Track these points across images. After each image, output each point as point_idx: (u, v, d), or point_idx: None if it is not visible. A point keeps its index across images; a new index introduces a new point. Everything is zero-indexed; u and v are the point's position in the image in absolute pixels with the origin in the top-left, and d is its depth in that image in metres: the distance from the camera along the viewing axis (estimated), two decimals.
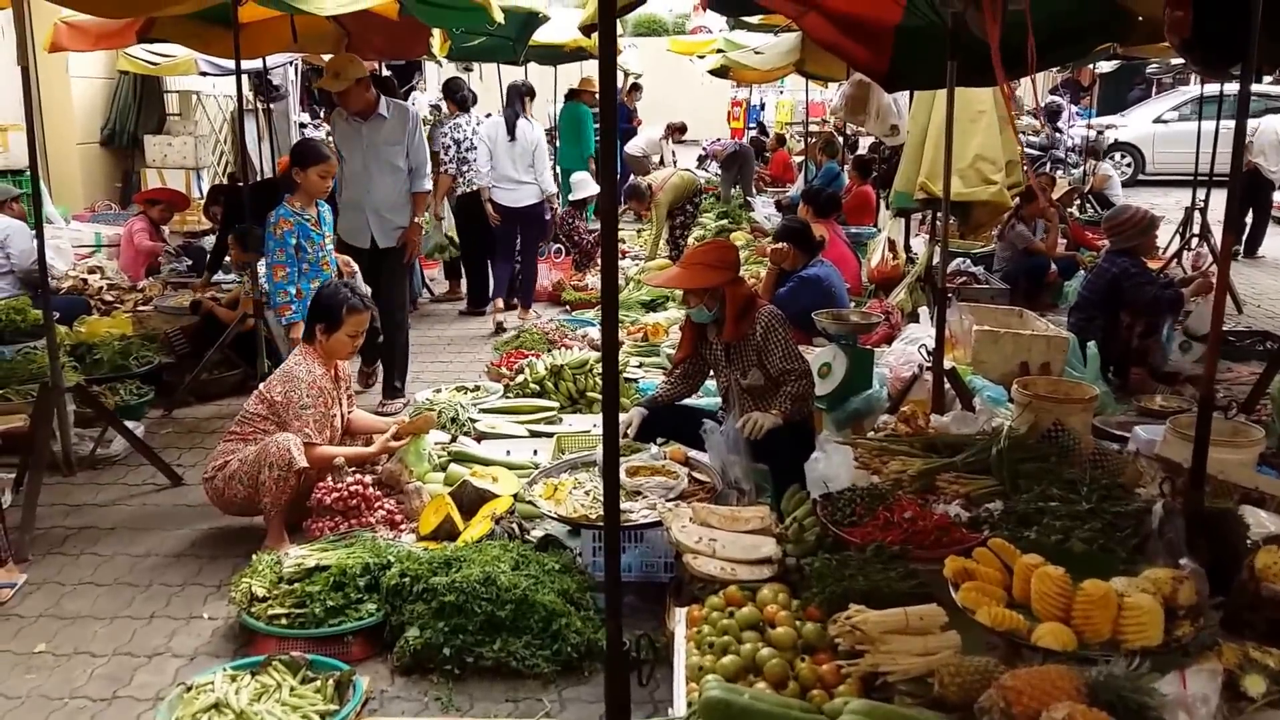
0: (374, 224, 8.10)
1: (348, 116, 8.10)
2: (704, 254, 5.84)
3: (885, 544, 4.26)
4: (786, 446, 5.47)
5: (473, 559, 4.78)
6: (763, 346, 5.60)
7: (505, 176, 10.83)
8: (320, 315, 5.88)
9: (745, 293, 5.75)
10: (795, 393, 5.59)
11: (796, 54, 13.58)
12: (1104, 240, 12.44)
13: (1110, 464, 5.03)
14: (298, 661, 4.29)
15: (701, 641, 4.08)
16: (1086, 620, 3.60)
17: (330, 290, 5.99)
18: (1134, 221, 8.10)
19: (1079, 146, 19.70)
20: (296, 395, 5.68)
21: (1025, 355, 7.23)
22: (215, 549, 5.74)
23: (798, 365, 5.63)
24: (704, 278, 5.68)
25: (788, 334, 5.67)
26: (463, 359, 9.63)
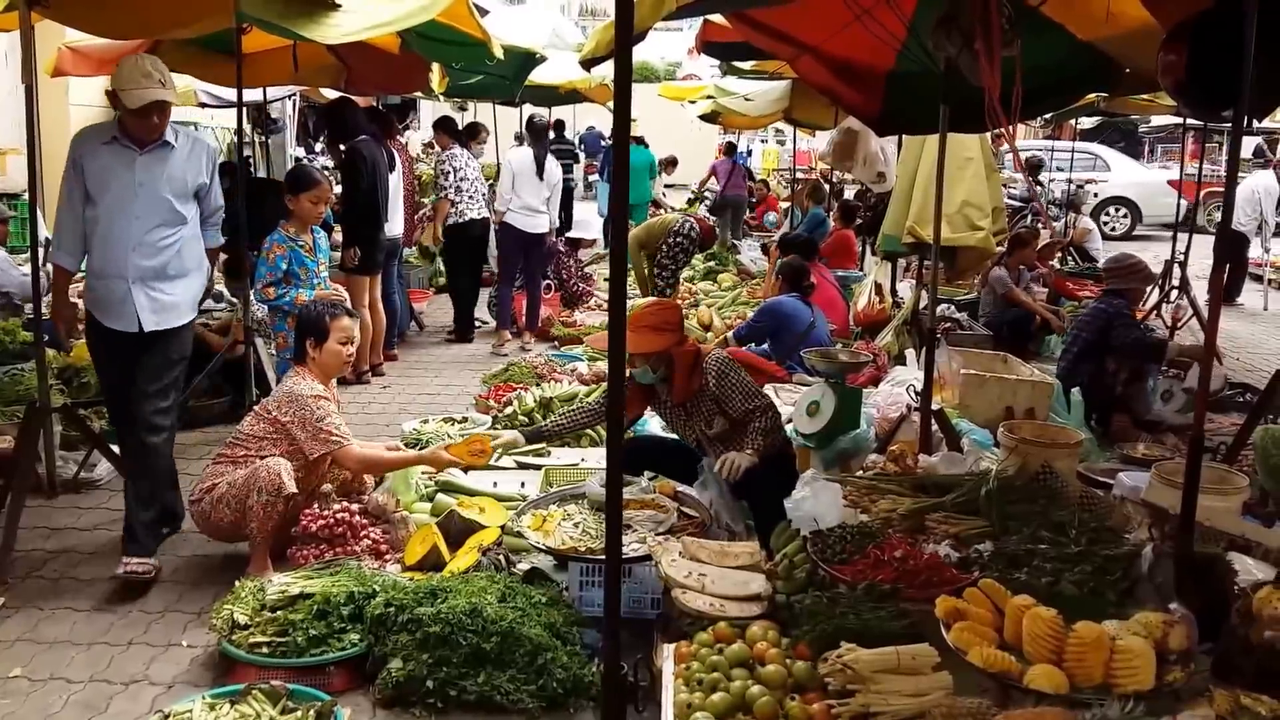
0: (140, 299, 5.61)
1: (113, 138, 5.62)
2: (647, 317, 5.74)
3: (876, 582, 4.25)
4: (764, 481, 5.47)
5: (459, 590, 4.72)
6: (719, 395, 5.62)
7: (527, 206, 11.38)
8: (307, 331, 5.89)
9: (690, 350, 5.77)
10: (763, 427, 5.54)
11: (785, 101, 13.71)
12: (1085, 291, 12.64)
13: (1098, 507, 5.04)
14: (278, 691, 4.23)
15: (690, 678, 4.04)
16: (1079, 663, 3.58)
17: (309, 306, 6.08)
18: (1135, 268, 8.29)
19: (1059, 200, 19.97)
20: (309, 413, 5.64)
21: (1010, 400, 7.25)
22: (197, 575, 5.68)
23: (759, 402, 5.62)
24: (650, 342, 5.65)
25: (740, 374, 5.67)
26: (450, 391, 9.61)
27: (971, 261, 9.39)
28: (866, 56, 6.68)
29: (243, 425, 5.82)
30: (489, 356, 11.14)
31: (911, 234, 8.93)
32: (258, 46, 8.00)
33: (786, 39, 6.77)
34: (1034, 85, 5.26)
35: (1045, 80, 6.19)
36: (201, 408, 8.35)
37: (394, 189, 10.12)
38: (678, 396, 5.75)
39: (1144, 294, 9.30)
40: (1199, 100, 4.83)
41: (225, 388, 8.38)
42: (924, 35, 5.81)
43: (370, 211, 9.48)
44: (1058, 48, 6.02)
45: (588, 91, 14.18)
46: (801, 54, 6.88)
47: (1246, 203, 14.92)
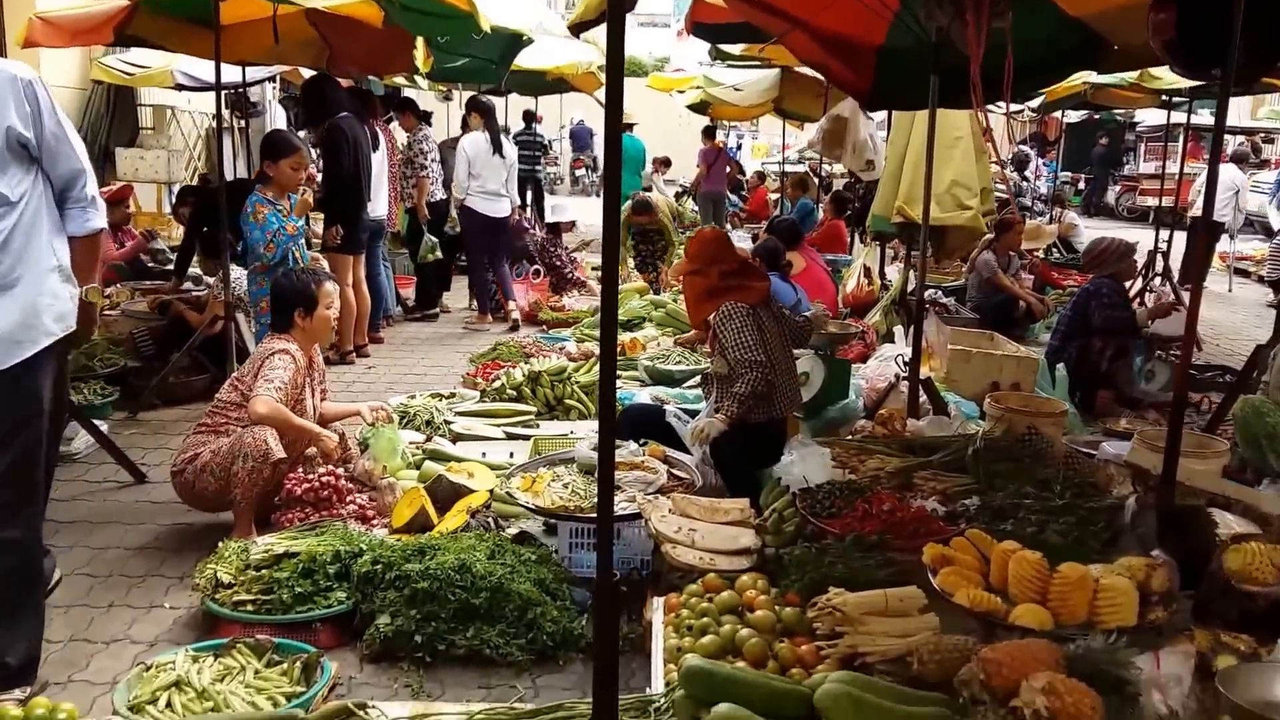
0: None
1: None
2: (690, 244, 6.09)
3: (864, 534, 4.25)
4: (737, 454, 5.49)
5: (447, 548, 4.72)
6: (719, 337, 5.62)
7: (487, 189, 11.31)
8: (295, 299, 5.81)
9: (705, 284, 5.79)
10: (743, 392, 5.46)
11: (775, 91, 13.75)
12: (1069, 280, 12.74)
13: (1082, 466, 5.05)
14: (263, 645, 4.20)
15: (680, 625, 4.06)
16: (1063, 602, 3.61)
17: (291, 275, 5.99)
18: (1111, 250, 8.36)
19: (1045, 196, 20.21)
20: (266, 364, 5.59)
21: (996, 375, 7.27)
22: (179, 544, 5.62)
23: (750, 357, 5.50)
24: (681, 266, 5.92)
25: (744, 327, 5.58)
26: (437, 371, 9.57)
27: (960, 241, 9.41)
28: (858, 30, 6.69)
29: (221, 394, 5.78)
30: (475, 337, 11.15)
31: (900, 214, 8.95)
32: (236, 17, 7.94)
33: (778, 13, 6.77)
34: (1024, 61, 5.28)
35: (1035, 56, 6.21)
36: (181, 385, 8.30)
37: (377, 169, 10.09)
38: (690, 323, 6.05)
39: (1133, 271, 9.30)
40: (1188, 59, 4.85)
41: (206, 364, 8.31)
42: (916, 5, 5.83)
43: (352, 190, 9.42)
44: (1048, 22, 6.03)
45: (575, 79, 14.14)
46: (793, 28, 6.87)
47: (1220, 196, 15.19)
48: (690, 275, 5.83)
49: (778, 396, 5.64)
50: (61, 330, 4.03)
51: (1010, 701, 2.99)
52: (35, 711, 3.42)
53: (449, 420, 7.15)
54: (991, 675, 3.08)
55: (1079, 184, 28.39)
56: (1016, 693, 2.98)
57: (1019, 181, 19.84)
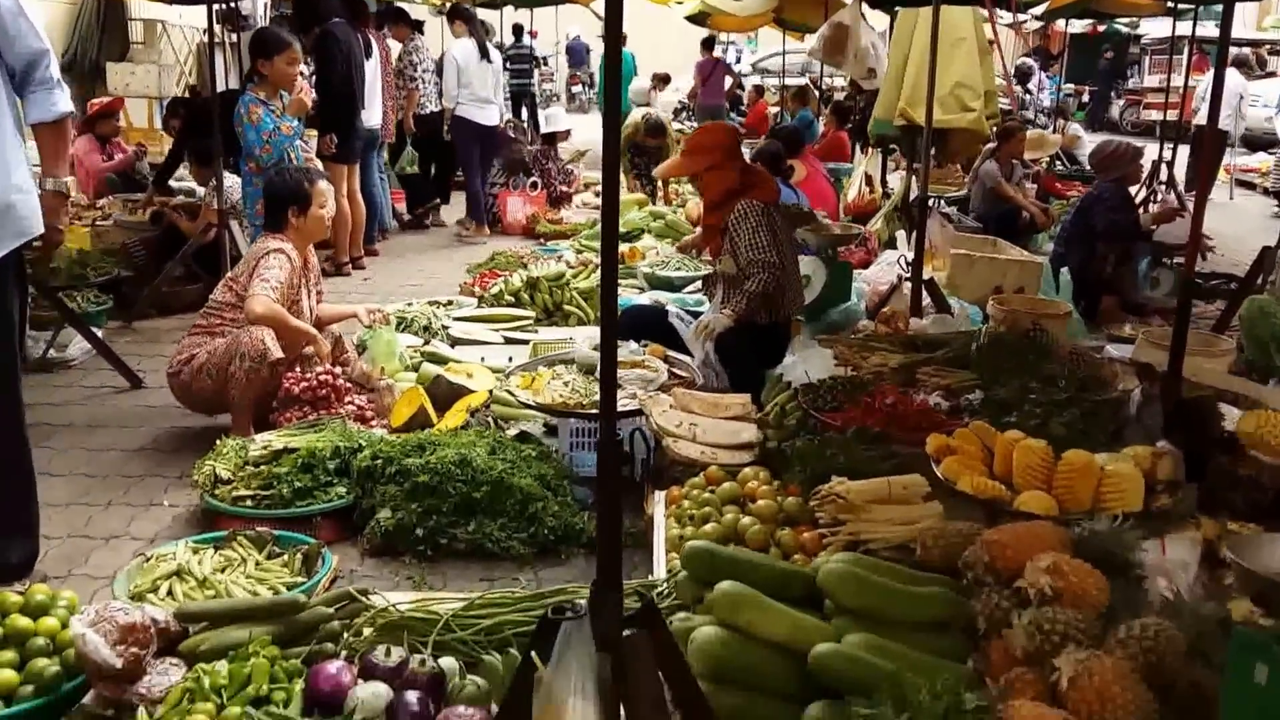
0: None
1: None
2: (694, 139, 5.90)
3: (867, 427, 4.22)
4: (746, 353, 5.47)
5: (447, 443, 4.69)
6: (732, 236, 5.53)
7: (478, 96, 11.25)
8: (288, 198, 5.71)
9: (724, 180, 5.65)
10: (753, 289, 5.42)
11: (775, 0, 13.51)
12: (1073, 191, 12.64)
13: (1087, 362, 5.02)
14: (263, 537, 4.19)
15: (682, 516, 4.05)
16: (1068, 489, 3.59)
17: (284, 173, 5.92)
18: (1119, 153, 8.27)
19: (1048, 109, 20.02)
20: (261, 263, 5.52)
21: (999, 280, 7.22)
22: (177, 445, 5.62)
23: (763, 258, 5.43)
24: (690, 165, 5.75)
25: (759, 227, 5.48)
26: (433, 282, 9.50)
27: (962, 145, 9.33)
28: None
29: (215, 295, 5.71)
30: (472, 248, 11.07)
31: (903, 115, 8.85)
32: None
33: None
34: None
35: None
36: (175, 294, 8.24)
37: (371, 77, 9.94)
38: (705, 219, 5.81)
39: (1139, 175, 9.18)
40: None
41: (199, 273, 8.25)
42: None
43: (346, 97, 9.29)
44: None
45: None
46: None
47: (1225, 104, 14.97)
48: (710, 171, 5.64)
49: (785, 298, 5.61)
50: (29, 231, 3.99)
51: (1015, 583, 2.97)
52: (35, 598, 3.40)
53: (446, 325, 7.12)
54: (996, 557, 3.05)
55: (1083, 97, 28.08)
56: (1021, 574, 2.95)
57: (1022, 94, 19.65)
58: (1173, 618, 2.70)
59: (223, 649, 3.20)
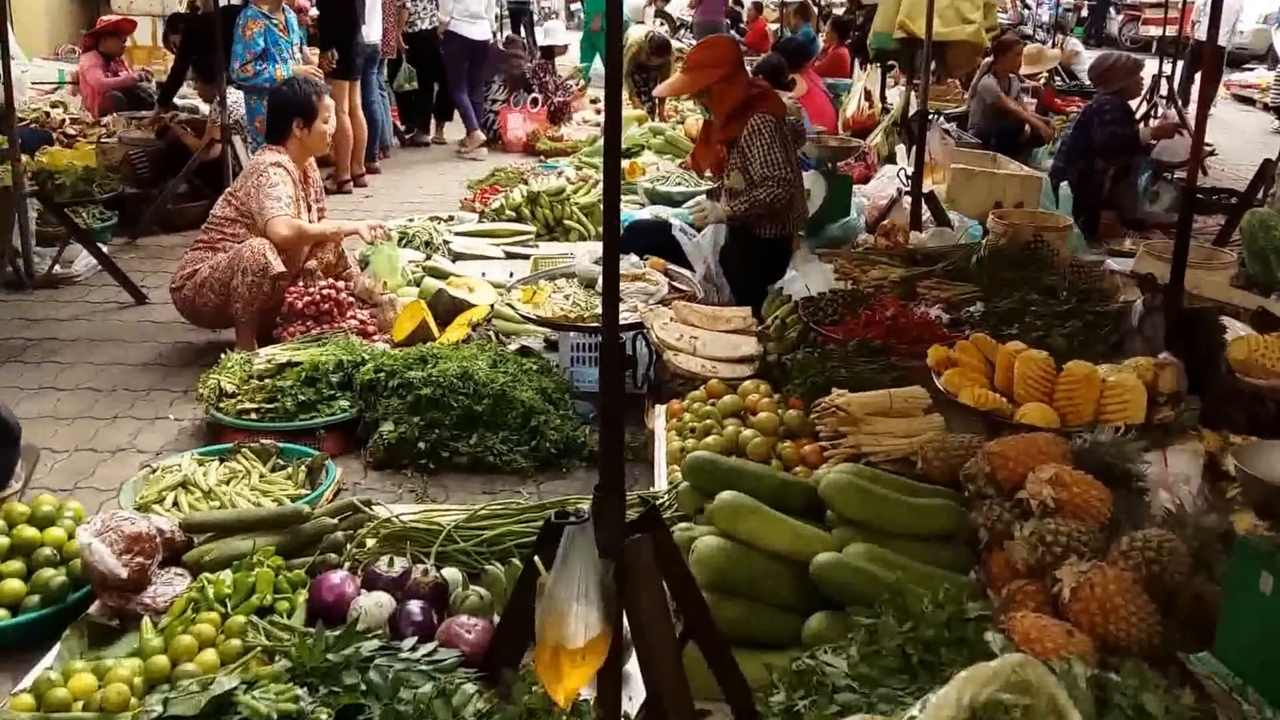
0: None
1: None
2: (697, 54, 5.78)
3: (867, 339, 4.22)
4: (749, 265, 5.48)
5: (449, 356, 4.70)
6: (745, 151, 5.48)
7: (469, 11, 11.18)
8: (295, 109, 5.67)
9: (739, 92, 5.57)
10: (760, 197, 5.39)
11: None
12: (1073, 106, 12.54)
13: (1088, 274, 5.00)
14: (268, 449, 4.24)
15: (683, 429, 4.05)
16: (1069, 400, 3.59)
17: (292, 85, 5.86)
18: (1119, 65, 8.21)
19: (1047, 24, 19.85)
20: (264, 179, 5.49)
21: (999, 195, 7.16)
22: (182, 360, 5.64)
23: (776, 174, 5.38)
24: (696, 80, 5.62)
25: (774, 142, 5.43)
26: (435, 199, 9.45)
27: (962, 59, 9.21)
28: None
29: (215, 210, 5.69)
30: (473, 165, 11.01)
31: (902, 29, 8.72)
32: None
33: None
34: None
35: None
36: (179, 211, 8.21)
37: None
38: (718, 135, 5.69)
39: (1139, 88, 9.07)
40: None
41: (203, 189, 8.21)
42: None
43: (347, 12, 9.18)
44: None
45: None
46: None
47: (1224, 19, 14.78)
48: (719, 85, 5.55)
49: (791, 212, 5.60)
50: None
51: (1016, 494, 2.97)
52: (42, 509, 3.43)
53: (448, 241, 7.09)
54: (997, 469, 3.06)
55: (1081, 12, 27.74)
56: (1022, 486, 2.96)
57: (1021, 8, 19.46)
58: (1175, 530, 2.71)
59: (227, 559, 3.24)
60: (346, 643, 2.62)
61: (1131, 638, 2.43)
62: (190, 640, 2.87)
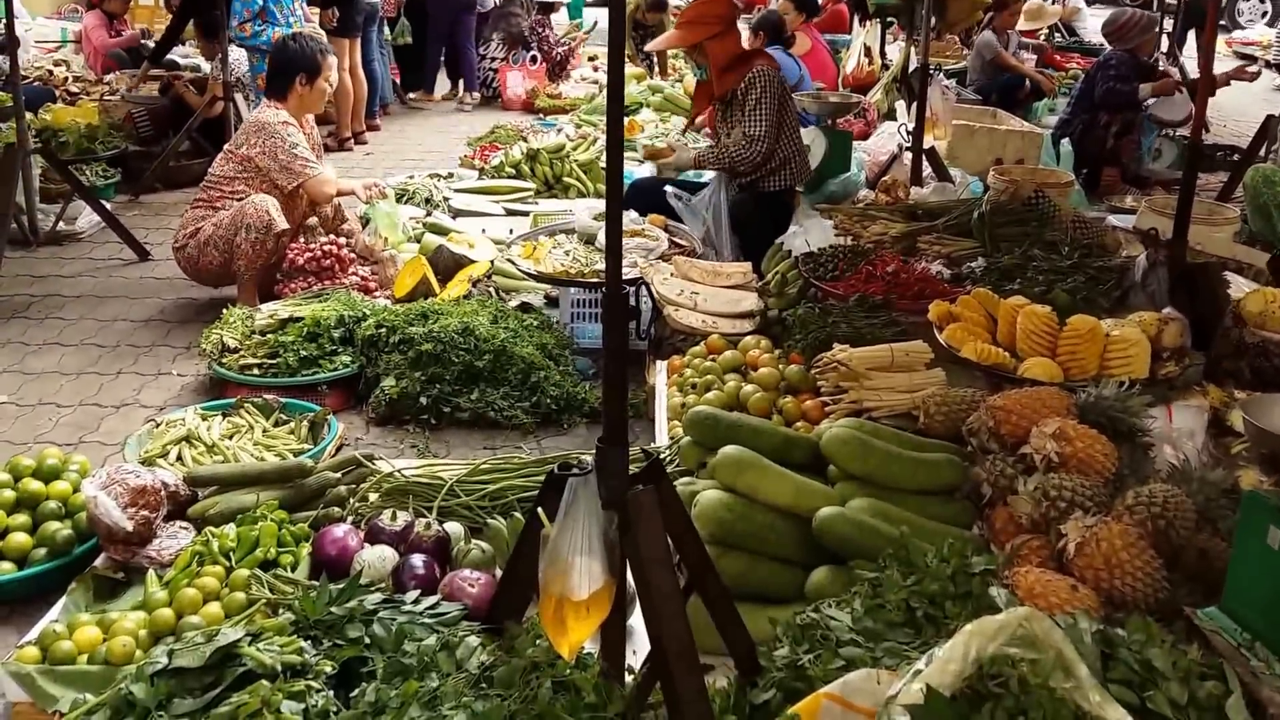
0: None
1: None
2: (690, 10, 5.77)
3: (868, 294, 4.21)
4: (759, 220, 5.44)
5: (450, 312, 4.70)
6: (742, 104, 5.47)
7: None
8: (299, 65, 5.66)
9: (732, 48, 5.59)
10: (743, 155, 5.46)
11: None
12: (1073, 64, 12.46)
13: (1090, 229, 4.99)
14: (270, 405, 4.25)
15: (684, 384, 4.05)
16: (1073, 355, 3.58)
17: (299, 40, 5.83)
18: (1134, 22, 8.12)
19: None
20: (279, 140, 5.49)
21: (1000, 150, 7.16)
22: (185, 316, 5.66)
23: (754, 130, 5.43)
24: (689, 35, 5.61)
25: (766, 96, 5.44)
26: (435, 156, 9.40)
27: (962, 13, 9.16)
28: None
29: (214, 168, 5.66)
30: (473, 121, 10.95)
31: None
32: None
33: None
34: None
35: None
36: (181, 169, 8.18)
37: None
38: (715, 90, 5.69)
39: (1152, 46, 8.91)
40: None
41: (206, 146, 8.19)
42: None
43: None
44: None
45: None
46: None
47: None
48: (712, 41, 5.53)
49: (792, 166, 5.62)
50: None
51: (1020, 449, 2.97)
52: (47, 463, 3.44)
53: (448, 198, 7.07)
54: (1001, 423, 3.05)
55: None
56: (1026, 441, 2.96)
57: None
58: (1180, 485, 2.71)
59: (231, 513, 3.26)
60: (350, 596, 2.63)
61: (1137, 593, 2.44)
62: (195, 593, 2.89)
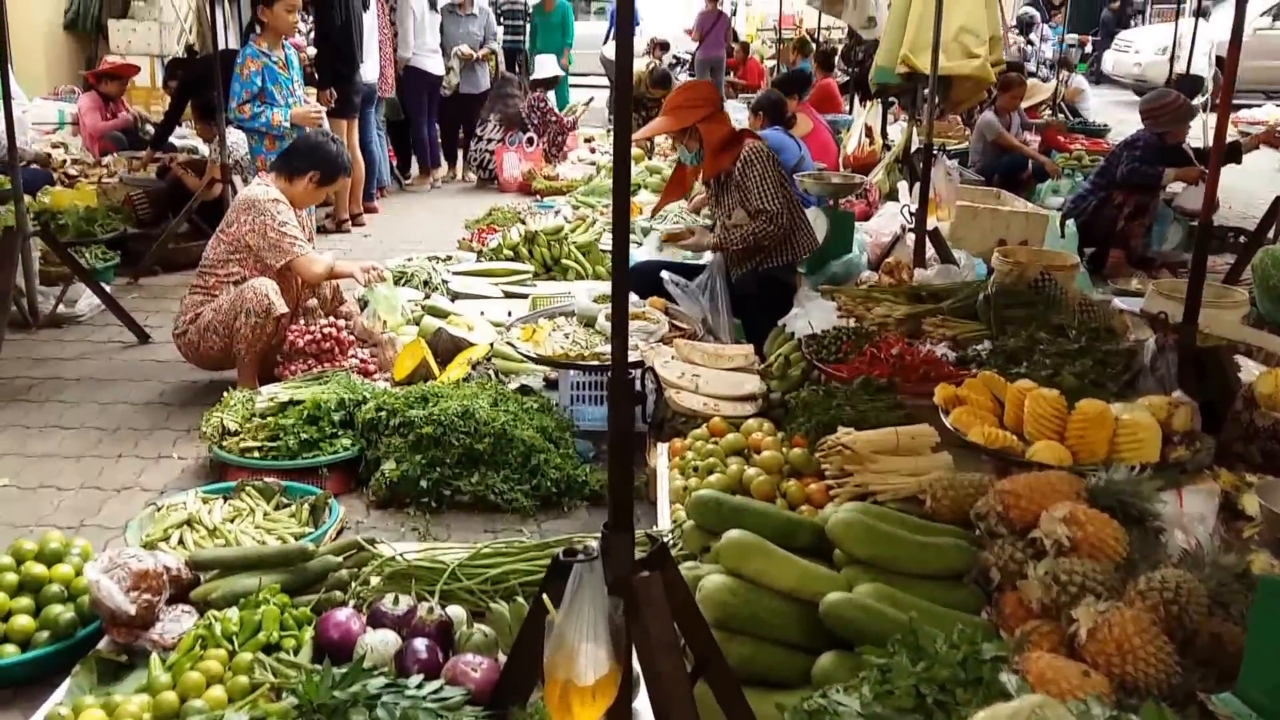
0: None
1: None
2: (678, 96, 5.80)
3: (873, 377, 4.19)
4: (760, 301, 5.44)
5: (450, 395, 4.68)
6: (741, 184, 5.50)
7: (428, 46, 11.41)
8: (321, 165, 5.69)
9: (724, 129, 5.62)
10: (756, 230, 5.48)
11: None
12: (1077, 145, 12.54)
13: (1098, 312, 4.97)
14: (271, 488, 4.21)
15: (685, 467, 4.02)
16: (1082, 439, 3.55)
17: (336, 145, 5.86)
18: (1172, 106, 8.03)
19: (1050, 60, 19.82)
20: (268, 218, 5.45)
21: (1004, 231, 7.18)
22: (185, 399, 5.63)
23: (770, 206, 5.45)
24: (679, 120, 5.63)
25: (768, 171, 5.49)
26: (433, 238, 9.41)
27: (966, 93, 9.23)
28: None
29: (208, 252, 5.63)
30: (471, 203, 10.95)
31: (905, 63, 8.74)
32: None
33: None
34: None
35: None
36: (180, 251, 8.18)
37: (368, 30, 9.77)
38: (706, 172, 5.71)
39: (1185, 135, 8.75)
40: None
41: (205, 229, 8.19)
42: None
43: (345, 49, 9.14)
44: None
45: None
46: None
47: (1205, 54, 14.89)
48: (706, 123, 5.58)
49: (797, 240, 5.66)
50: None
51: (1029, 533, 2.94)
52: (50, 546, 3.42)
53: (446, 280, 7.09)
54: (1009, 507, 3.02)
55: (1085, 48, 27.76)
56: (1035, 525, 2.93)
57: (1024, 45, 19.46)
58: (1193, 569, 2.67)
59: (234, 596, 3.22)
60: (353, 680, 2.59)
61: (1150, 678, 2.39)
62: (198, 677, 2.86)
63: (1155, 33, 22.64)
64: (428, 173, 12.15)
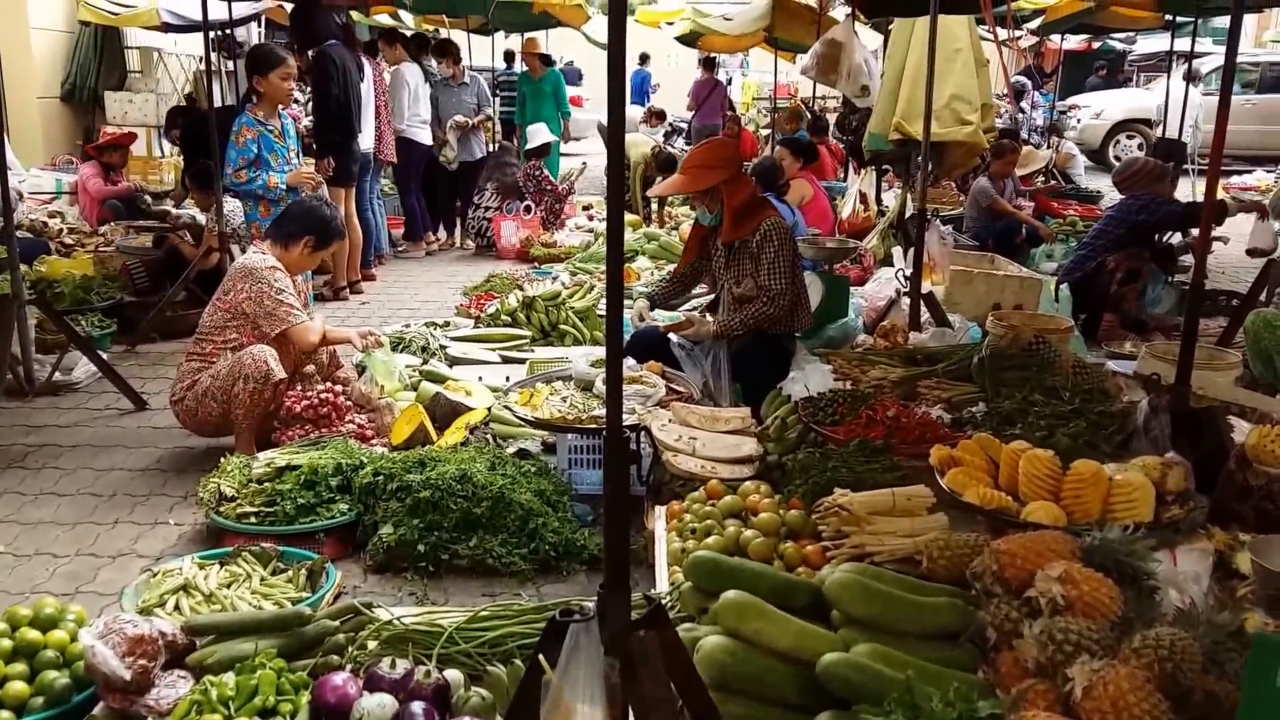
0: None
1: None
2: (700, 155, 5.77)
3: (869, 439, 4.21)
4: (759, 365, 5.45)
5: (448, 459, 4.69)
6: (757, 256, 5.53)
7: (420, 117, 11.73)
8: (316, 230, 5.74)
9: (747, 194, 5.64)
10: (758, 313, 5.51)
11: (766, 20, 13.53)
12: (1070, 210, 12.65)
13: (1091, 375, 5.01)
14: (268, 552, 4.21)
15: (683, 529, 4.02)
16: (1076, 499, 3.56)
17: (330, 210, 5.91)
18: (1145, 170, 8.18)
19: (1041, 127, 20.01)
20: (266, 286, 5.49)
21: (998, 296, 7.20)
22: (181, 465, 5.63)
23: (776, 285, 5.49)
24: (700, 180, 5.63)
25: (784, 250, 5.52)
26: (431, 305, 9.49)
27: (959, 159, 9.31)
28: None
29: (204, 319, 5.66)
30: (468, 271, 11.06)
31: (899, 130, 8.83)
32: None
33: None
34: None
35: None
36: (178, 319, 8.24)
37: (365, 99, 9.90)
38: (724, 236, 5.69)
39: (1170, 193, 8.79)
40: None
41: (202, 296, 8.23)
42: None
43: (343, 119, 9.25)
44: None
45: (559, 11, 14.00)
46: None
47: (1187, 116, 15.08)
48: (729, 185, 5.59)
49: (797, 315, 5.69)
50: None
51: (1025, 593, 2.94)
52: (44, 612, 3.41)
53: (444, 345, 7.12)
54: (1005, 567, 3.03)
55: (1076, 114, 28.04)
56: (1030, 584, 2.93)
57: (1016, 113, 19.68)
58: (1187, 627, 2.68)
59: (230, 661, 3.20)
60: None
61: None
62: None
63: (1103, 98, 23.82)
64: (418, 240, 12.30)
